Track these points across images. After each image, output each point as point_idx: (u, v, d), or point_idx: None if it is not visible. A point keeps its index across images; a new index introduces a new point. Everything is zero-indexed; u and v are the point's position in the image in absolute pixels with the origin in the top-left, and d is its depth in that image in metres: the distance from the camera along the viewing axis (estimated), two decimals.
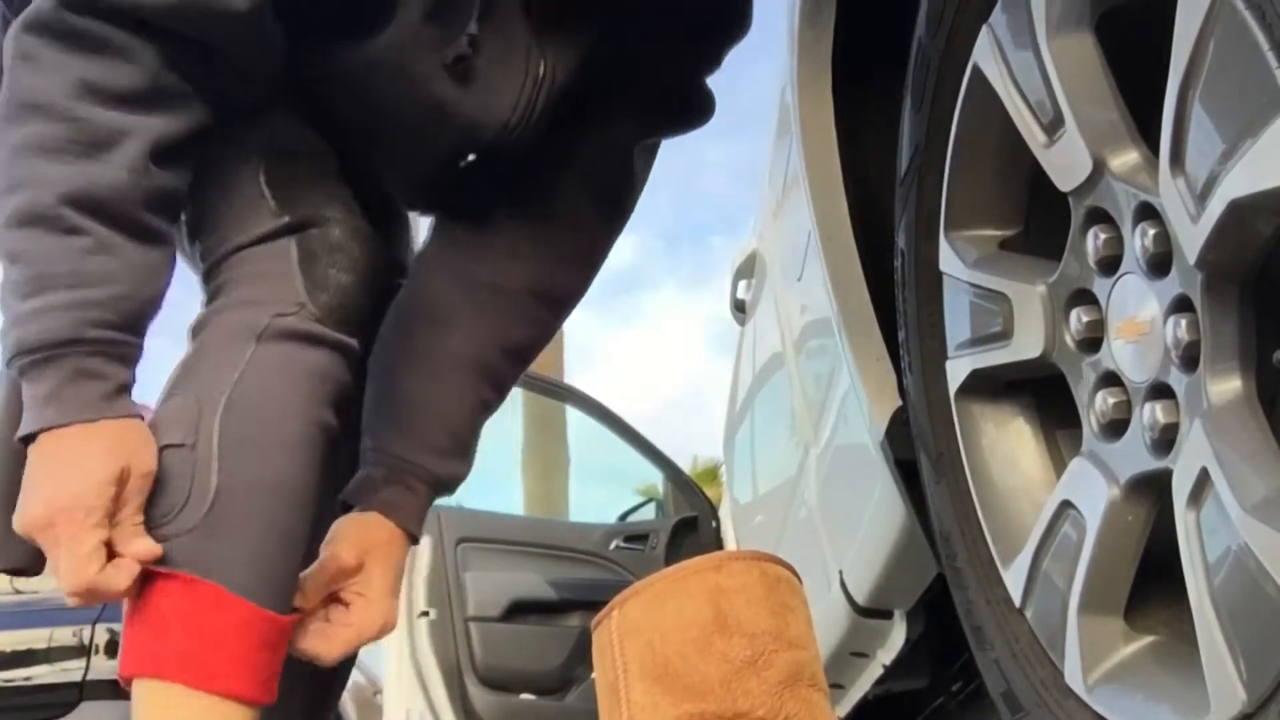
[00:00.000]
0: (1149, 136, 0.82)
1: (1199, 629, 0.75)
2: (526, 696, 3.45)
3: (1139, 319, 0.84)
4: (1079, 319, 0.93)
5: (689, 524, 3.87)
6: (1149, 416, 0.83)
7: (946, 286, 1.12)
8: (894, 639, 1.63)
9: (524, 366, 1.21)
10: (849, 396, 1.49)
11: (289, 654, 1.00)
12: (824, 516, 1.82)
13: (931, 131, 1.10)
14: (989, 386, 1.08)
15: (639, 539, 3.82)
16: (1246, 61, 0.67)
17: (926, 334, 1.17)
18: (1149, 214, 0.82)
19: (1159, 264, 0.81)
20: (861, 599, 1.59)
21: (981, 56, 1.00)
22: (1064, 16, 0.89)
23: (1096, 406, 0.91)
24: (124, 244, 0.92)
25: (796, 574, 0.91)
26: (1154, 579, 0.90)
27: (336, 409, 1.01)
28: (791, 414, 2.04)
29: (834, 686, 1.92)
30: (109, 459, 0.90)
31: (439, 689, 3.36)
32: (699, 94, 1.21)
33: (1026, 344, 0.99)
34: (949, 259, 1.10)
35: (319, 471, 0.99)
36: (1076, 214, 0.91)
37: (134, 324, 0.94)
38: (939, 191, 1.10)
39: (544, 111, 1.09)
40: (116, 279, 0.92)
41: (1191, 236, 0.75)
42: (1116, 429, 0.89)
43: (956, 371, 1.10)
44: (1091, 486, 0.91)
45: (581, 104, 1.14)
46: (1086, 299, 0.93)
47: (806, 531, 1.92)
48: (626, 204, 1.23)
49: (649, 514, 4.31)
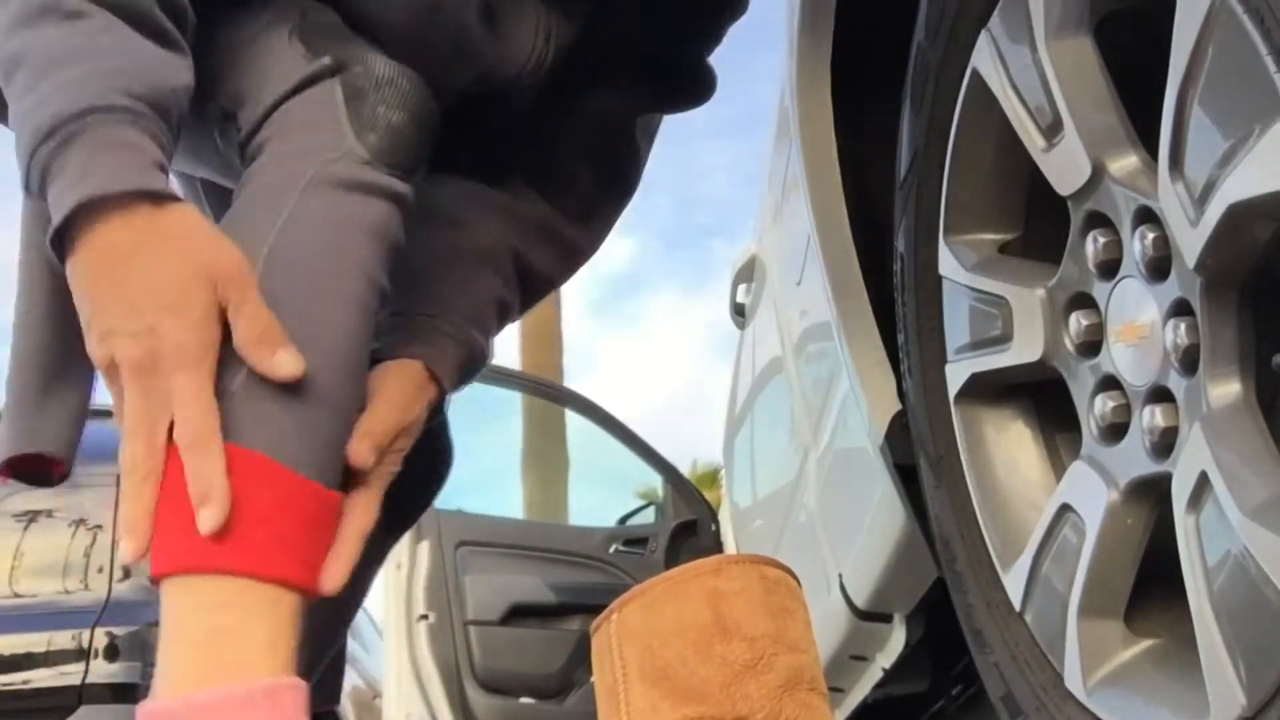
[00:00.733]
0: (1148, 140, 0.82)
1: (1199, 633, 0.75)
2: (526, 700, 3.45)
3: (1138, 323, 0.85)
4: (1078, 323, 0.93)
5: (688, 527, 3.87)
6: (1148, 420, 0.83)
7: (946, 290, 1.12)
8: (894, 643, 1.63)
9: (532, 294, 1.14)
10: (848, 400, 1.49)
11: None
12: (823, 520, 1.82)
13: (931, 135, 1.10)
14: (988, 390, 1.08)
15: (638, 542, 3.83)
16: (1245, 65, 0.68)
17: (926, 338, 1.17)
18: (1148, 218, 0.82)
19: (1158, 268, 0.82)
20: (861, 602, 1.59)
21: (980, 60, 1.00)
22: (1063, 20, 0.89)
23: (1096, 410, 0.91)
24: (138, 36, 0.82)
25: (796, 577, 0.91)
26: (1154, 582, 0.90)
27: (388, 269, 0.90)
28: (791, 418, 2.05)
29: (834, 690, 1.92)
30: (204, 237, 0.79)
31: (438, 692, 3.36)
32: (700, 71, 1.19)
33: (1026, 347, 1.00)
34: (948, 263, 1.10)
35: (369, 337, 0.89)
36: (1075, 218, 0.91)
37: (164, 107, 0.81)
38: (938, 195, 1.10)
39: (549, 71, 1.07)
40: (136, 55, 0.81)
41: (1191, 240, 0.75)
42: (1116, 432, 0.89)
43: (956, 375, 1.10)
44: (1091, 490, 0.91)
45: (581, 74, 1.13)
46: (1086, 303, 0.93)
47: (806, 535, 1.92)
48: (630, 176, 1.21)
49: (648, 517, 4.32)
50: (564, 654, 3.46)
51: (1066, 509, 0.95)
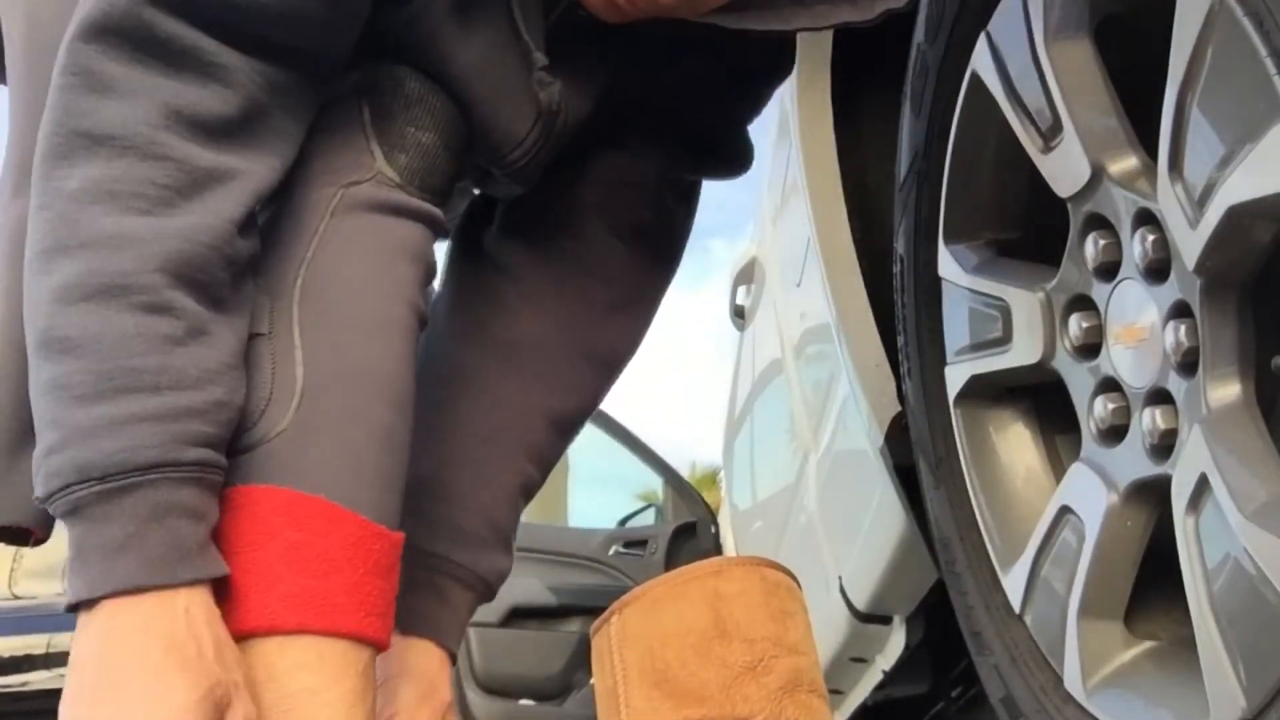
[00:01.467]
0: (1147, 143, 0.83)
1: (1198, 634, 0.75)
2: (525, 702, 3.45)
3: (1138, 325, 0.85)
4: (1078, 325, 0.93)
5: (688, 529, 3.87)
6: (1148, 422, 0.83)
7: (945, 292, 1.12)
8: (893, 644, 1.63)
9: (568, 439, 1.03)
10: (848, 402, 1.49)
11: None
12: (823, 522, 1.82)
13: (930, 138, 1.10)
14: (988, 392, 1.08)
15: (638, 544, 3.83)
16: (1244, 68, 0.68)
17: (926, 340, 1.17)
18: (1147, 220, 0.82)
19: (1158, 270, 0.82)
20: (861, 604, 1.59)
21: (980, 63, 1.00)
22: (1062, 23, 0.90)
23: (1095, 412, 0.91)
24: (215, 325, 0.72)
25: (796, 579, 0.91)
26: (1153, 584, 0.90)
27: (425, 291, 0.85)
28: (791, 420, 2.05)
29: (834, 692, 1.92)
30: (208, 651, 0.69)
31: None
32: (739, 141, 1.07)
33: (1025, 349, 1.00)
34: (948, 265, 1.10)
35: (414, 366, 0.83)
36: (1075, 220, 0.91)
37: (228, 439, 0.73)
38: (938, 197, 1.10)
39: (551, 150, 0.94)
40: (215, 379, 0.71)
41: (1190, 242, 0.75)
42: (1116, 434, 0.89)
43: (955, 377, 1.10)
44: (1091, 492, 0.91)
45: (596, 139, 1.01)
46: (1085, 305, 0.93)
47: (806, 537, 1.92)
48: (667, 249, 1.07)
49: (648, 519, 4.32)
50: (564, 656, 3.45)
51: (1066, 511, 0.95)
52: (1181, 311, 0.79)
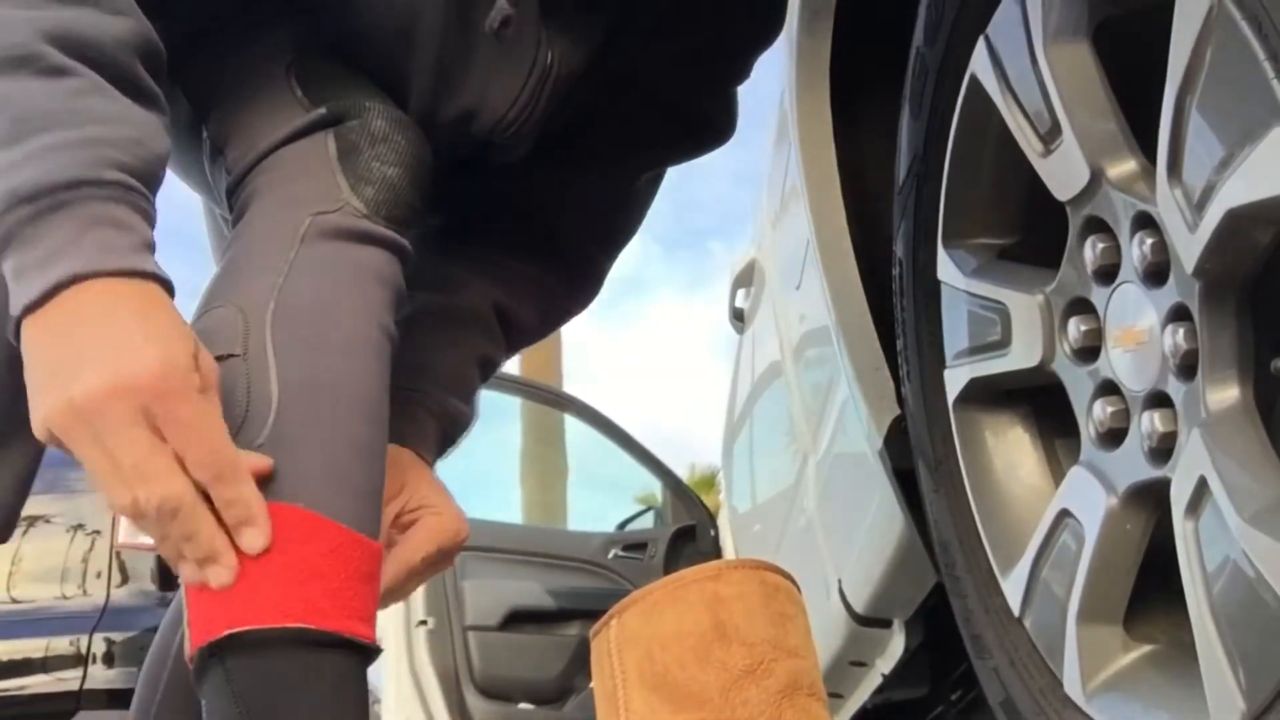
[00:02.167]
0: (1146, 146, 0.83)
1: (1198, 638, 0.75)
2: (525, 706, 3.45)
3: (1137, 328, 0.85)
4: (1077, 328, 0.93)
5: (687, 532, 3.87)
6: (1147, 425, 0.83)
7: (945, 295, 1.12)
8: (893, 648, 1.63)
9: (517, 345, 1.12)
10: (847, 405, 1.49)
11: None
12: (823, 525, 1.82)
13: (929, 140, 1.10)
14: (987, 395, 1.08)
15: (637, 547, 3.82)
16: (1243, 71, 0.68)
17: (925, 343, 1.17)
18: (1146, 223, 0.82)
19: (1156, 273, 0.82)
20: (860, 608, 1.59)
21: (979, 66, 1.00)
22: (1061, 26, 0.90)
23: (1095, 415, 0.91)
24: (118, 94, 0.76)
25: (795, 583, 0.91)
26: (1153, 587, 0.90)
27: (395, 314, 0.89)
28: (790, 423, 2.04)
29: (833, 696, 1.92)
30: (182, 327, 0.73)
31: (437, 699, 3.36)
32: (725, 110, 1.12)
33: (1024, 353, 1.00)
34: (947, 268, 1.10)
35: (387, 383, 0.86)
36: (1074, 223, 0.91)
37: (149, 179, 0.76)
38: (937, 200, 1.10)
39: (544, 111, 1.00)
40: (124, 122, 0.75)
41: (1189, 246, 0.75)
42: (1115, 438, 0.89)
43: (955, 380, 1.10)
44: (1090, 495, 0.91)
45: (585, 133, 1.08)
46: (1084, 308, 0.93)
47: (805, 540, 1.92)
48: (628, 234, 1.17)
49: (647, 522, 4.32)
50: (563, 659, 3.45)
51: (1065, 514, 0.95)
52: (1180, 314, 0.79)
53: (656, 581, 0.88)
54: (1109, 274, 0.88)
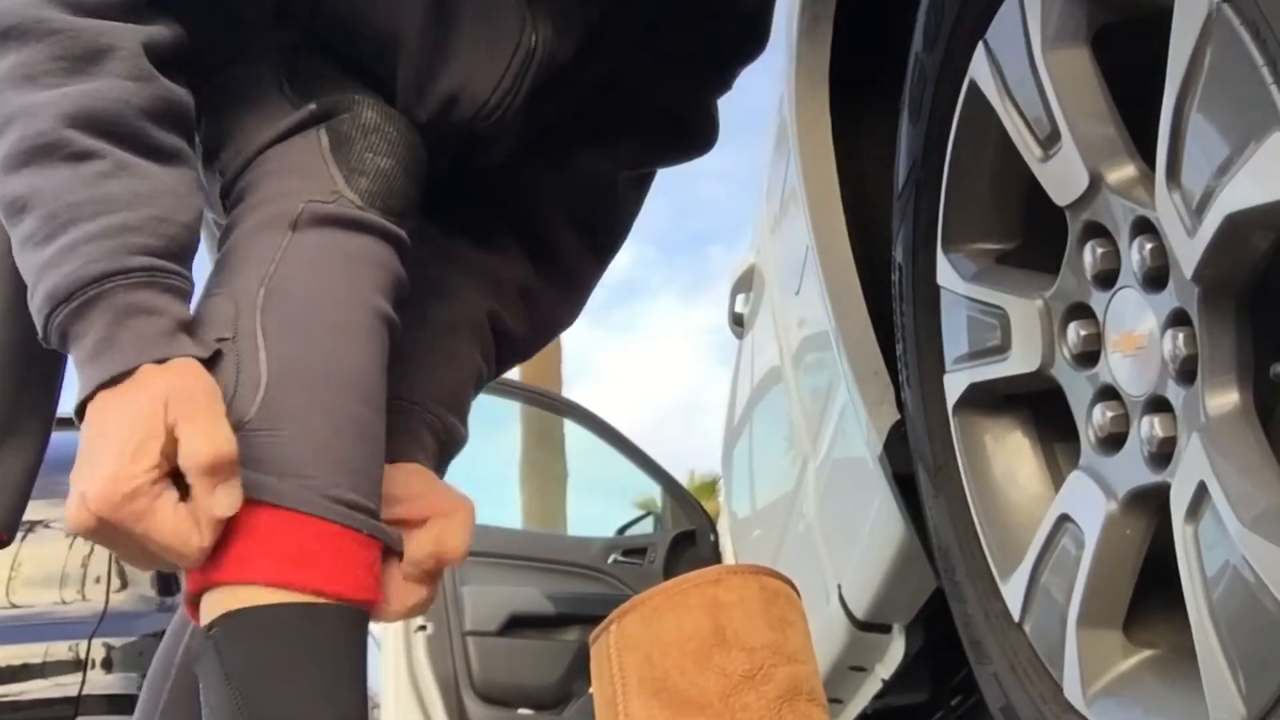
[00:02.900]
0: (1145, 151, 0.83)
1: (1198, 643, 0.75)
2: (524, 711, 3.44)
3: (1136, 333, 0.85)
4: (1076, 333, 0.93)
5: (687, 538, 3.86)
6: (1147, 430, 0.83)
7: (944, 300, 1.12)
8: (893, 653, 1.63)
9: (506, 361, 1.12)
10: (847, 410, 1.49)
11: None
12: (822, 530, 1.82)
13: (929, 146, 1.10)
14: (987, 400, 1.08)
15: (637, 553, 3.82)
16: (1242, 76, 0.68)
17: (924, 348, 1.17)
18: (1145, 228, 0.82)
19: (1156, 278, 0.82)
20: (860, 613, 1.59)
21: (978, 71, 1.00)
22: (1060, 31, 0.90)
23: (1094, 420, 0.91)
24: (143, 164, 0.80)
25: (795, 588, 0.91)
26: (1153, 592, 0.90)
27: (394, 301, 0.89)
28: (790, 427, 2.04)
29: (833, 701, 1.92)
30: (155, 406, 0.76)
31: (436, 704, 3.35)
32: (704, 120, 1.13)
33: (1024, 358, 1.00)
34: (946, 273, 1.10)
35: (383, 366, 0.87)
36: (1073, 228, 0.92)
37: (178, 252, 0.81)
38: (936, 205, 1.10)
39: (528, 95, 0.98)
40: (147, 200, 0.79)
41: (1188, 250, 0.75)
42: (1114, 442, 0.89)
43: (954, 385, 1.10)
44: (1090, 500, 0.91)
45: (576, 129, 1.09)
46: (1084, 313, 0.93)
47: (805, 545, 1.91)
48: (618, 242, 1.17)
49: (647, 527, 4.31)
50: (563, 665, 3.45)
51: (1065, 519, 0.95)
52: (1180, 319, 0.79)
53: (656, 587, 0.88)
54: (1108, 279, 0.88)
